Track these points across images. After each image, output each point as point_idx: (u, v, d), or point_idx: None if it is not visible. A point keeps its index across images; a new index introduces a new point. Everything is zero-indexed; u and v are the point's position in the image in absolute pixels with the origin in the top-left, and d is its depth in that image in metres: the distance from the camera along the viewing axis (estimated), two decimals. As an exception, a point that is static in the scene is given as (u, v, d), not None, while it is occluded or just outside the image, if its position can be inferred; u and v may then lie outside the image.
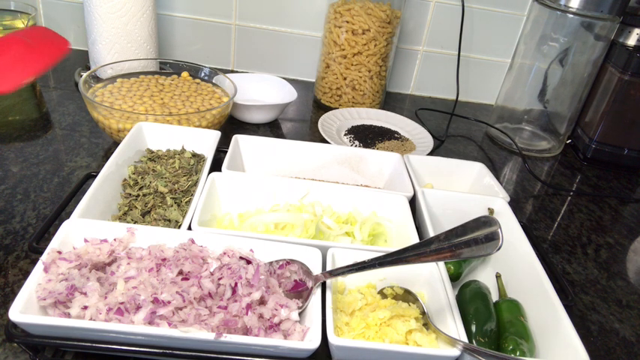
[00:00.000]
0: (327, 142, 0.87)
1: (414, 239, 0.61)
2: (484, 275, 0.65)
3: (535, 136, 1.09)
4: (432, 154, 0.94)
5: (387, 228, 0.67)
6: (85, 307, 0.45)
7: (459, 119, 1.15)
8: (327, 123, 0.96)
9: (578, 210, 0.89)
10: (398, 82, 1.24)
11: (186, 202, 0.64)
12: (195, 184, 0.67)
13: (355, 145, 0.92)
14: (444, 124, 1.12)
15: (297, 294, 0.51)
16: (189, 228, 0.57)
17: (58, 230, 0.52)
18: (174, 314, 0.46)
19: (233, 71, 1.19)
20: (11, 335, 0.44)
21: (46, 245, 0.50)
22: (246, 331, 0.47)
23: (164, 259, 0.51)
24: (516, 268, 0.62)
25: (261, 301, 0.49)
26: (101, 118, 0.77)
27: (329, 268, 0.54)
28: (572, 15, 0.95)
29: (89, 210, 0.57)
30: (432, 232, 0.62)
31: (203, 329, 0.44)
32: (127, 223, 0.57)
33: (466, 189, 0.81)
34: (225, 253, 0.53)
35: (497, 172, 0.97)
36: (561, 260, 0.75)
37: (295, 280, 0.52)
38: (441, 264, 0.57)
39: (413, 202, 0.69)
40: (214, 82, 0.94)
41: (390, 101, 1.19)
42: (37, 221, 0.64)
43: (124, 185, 0.67)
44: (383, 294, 0.56)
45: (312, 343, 0.45)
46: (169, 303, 0.46)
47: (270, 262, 0.54)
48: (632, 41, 0.98)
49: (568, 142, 1.11)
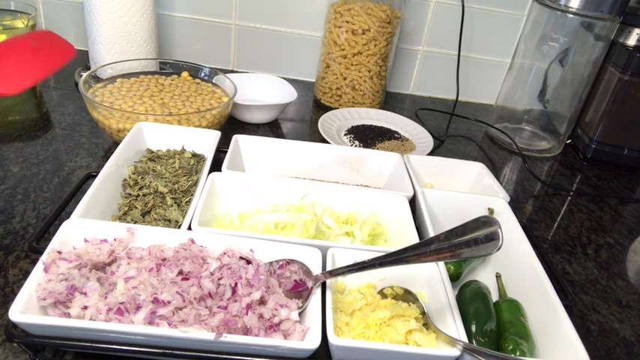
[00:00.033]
0: (327, 142, 0.87)
1: (414, 239, 0.61)
2: (484, 275, 0.65)
3: (535, 136, 1.09)
4: (432, 154, 0.94)
5: (387, 228, 0.67)
6: (85, 307, 0.45)
7: (459, 119, 1.15)
8: (327, 123, 0.96)
9: (578, 210, 0.89)
10: (398, 82, 1.24)
11: (186, 202, 0.64)
12: (195, 184, 0.67)
13: (355, 145, 0.92)
14: (444, 124, 1.12)
15: (297, 294, 0.51)
16: (189, 228, 0.57)
17: (58, 230, 0.52)
18: (174, 314, 0.46)
19: (233, 71, 1.19)
20: (11, 335, 0.44)
21: (46, 245, 0.50)
22: (246, 331, 0.47)
23: (164, 259, 0.51)
24: (516, 268, 0.62)
25: (261, 301, 0.49)
26: (101, 118, 0.77)
27: (329, 268, 0.54)
28: (572, 15, 0.95)
29: (89, 210, 0.57)
30: (432, 232, 0.62)
31: (203, 329, 0.44)
32: (127, 223, 0.57)
33: (466, 189, 0.81)
34: (225, 253, 0.53)
35: (497, 172, 0.97)
36: (561, 260, 0.75)
37: (295, 280, 0.52)
38: (441, 264, 0.57)
39: (413, 202, 0.69)
40: (214, 82, 0.94)
41: (390, 101, 1.19)
42: (37, 221, 0.64)
43: (124, 185, 0.67)
44: (383, 294, 0.56)
45: (312, 343, 0.45)
46: (169, 303, 0.46)
47: (270, 262, 0.54)
48: (632, 41, 0.98)
49: (568, 142, 1.11)
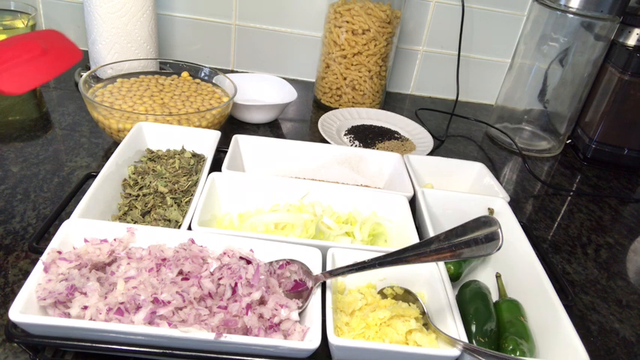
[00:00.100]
0: (327, 142, 0.87)
1: (414, 239, 0.61)
2: (484, 275, 0.65)
3: (535, 136, 1.09)
4: (432, 154, 0.94)
5: (387, 228, 0.67)
6: (85, 307, 0.45)
7: (459, 119, 1.15)
8: (327, 123, 0.96)
9: (578, 210, 0.89)
10: (398, 82, 1.24)
11: (186, 202, 0.64)
12: (195, 184, 0.67)
13: (355, 145, 0.92)
14: (444, 124, 1.12)
15: (297, 294, 0.51)
16: (189, 228, 0.57)
17: (58, 230, 0.52)
18: (174, 314, 0.46)
19: (233, 71, 1.19)
20: (11, 335, 0.44)
21: (46, 245, 0.50)
22: (246, 331, 0.47)
23: (164, 259, 0.51)
24: (516, 268, 0.62)
25: (261, 301, 0.49)
26: (101, 118, 0.77)
27: (329, 268, 0.54)
28: (572, 15, 0.95)
29: (89, 210, 0.57)
30: (432, 232, 0.62)
31: (203, 329, 0.44)
32: (127, 223, 0.57)
33: (466, 189, 0.81)
34: (225, 253, 0.53)
35: (497, 172, 0.97)
36: (561, 260, 0.75)
37: (295, 280, 0.52)
38: (441, 264, 0.57)
39: (413, 202, 0.69)
40: (214, 82, 0.94)
41: (390, 101, 1.19)
42: (37, 221, 0.64)
43: (124, 185, 0.67)
44: (383, 294, 0.56)
45: (312, 343, 0.45)
46: (169, 303, 0.46)
47: (270, 262, 0.54)
48: (632, 41, 0.98)
49: (568, 142, 1.11)
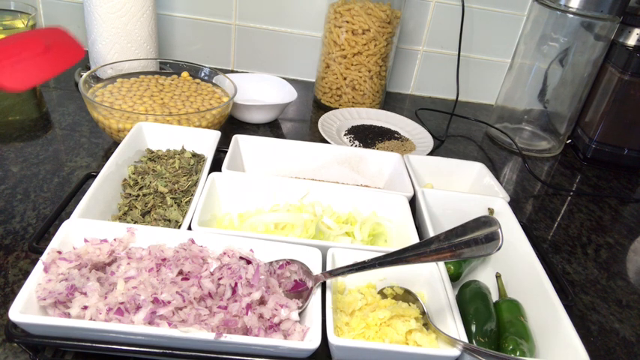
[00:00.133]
0: (327, 142, 0.87)
1: (414, 239, 0.61)
2: (484, 275, 0.65)
3: (535, 136, 1.09)
4: (432, 154, 0.94)
5: (387, 228, 0.67)
6: (85, 307, 0.45)
7: (459, 119, 1.15)
8: (327, 123, 0.96)
9: (578, 210, 0.89)
10: (398, 82, 1.24)
11: (186, 202, 0.64)
12: (195, 184, 0.67)
13: (355, 145, 0.92)
14: (444, 124, 1.12)
15: (297, 294, 0.51)
16: (189, 228, 0.57)
17: (58, 230, 0.52)
18: (174, 314, 0.46)
19: (233, 71, 1.19)
20: (11, 335, 0.44)
21: (46, 245, 0.50)
22: (246, 331, 0.47)
23: (164, 259, 0.51)
24: (516, 268, 0.62)
25: (261, 301, 0.49)
26: (101, 118, 0.77)
27: (329, 268, 0.54)
28: (572, 15, 0.95)
29: (89, 210, 0.57)
30: (432, 232, 0.62)
31: (203, 329, 0.44)
32: (127, 223, 0.57)
33: (466, 189, 0.81)
34: (225, 253, 0.53)
35: (497, 172, 0.97)
36: (561, 260, 0.75)
37: (295, 280, 0.52)
38: (441, 264, 0.57)
39: (413, 202, 0.69)
40: (214, 82, 0.94)
41: (390, 101, 1.19)
42: (37, 221, 0.64)
43: (124, 185, 0.67)
44: (383, 294, 0.56)
45: (312, 343, 0.45)
46: (169, 303, 0.46)
47: (270, 262, 0.54)
48: (632, 41, 0.98)
49: (568, 142, 1.11)
